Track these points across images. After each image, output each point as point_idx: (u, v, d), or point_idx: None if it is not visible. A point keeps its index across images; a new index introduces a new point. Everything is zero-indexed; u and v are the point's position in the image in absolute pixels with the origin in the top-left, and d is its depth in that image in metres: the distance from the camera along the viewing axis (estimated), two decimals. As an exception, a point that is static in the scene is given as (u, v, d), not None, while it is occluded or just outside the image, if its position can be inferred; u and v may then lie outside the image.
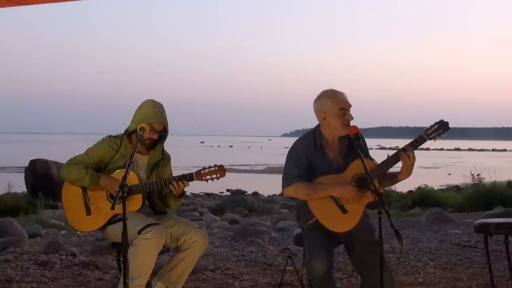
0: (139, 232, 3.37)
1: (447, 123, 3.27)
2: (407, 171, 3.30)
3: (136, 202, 3.53)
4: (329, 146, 3.44)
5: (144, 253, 3.37)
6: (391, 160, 3.29)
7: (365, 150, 3.40)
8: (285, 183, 3.39)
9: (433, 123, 3.30)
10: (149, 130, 3.55)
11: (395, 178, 3.40)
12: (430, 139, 3.28)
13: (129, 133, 3.67)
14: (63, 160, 3.81)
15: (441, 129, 3.27)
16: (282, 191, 3.44)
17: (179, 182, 3.48)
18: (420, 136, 3.29)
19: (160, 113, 3.61)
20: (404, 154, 3.25)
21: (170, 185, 3.49)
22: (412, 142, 3.29)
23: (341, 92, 3.41)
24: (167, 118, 3.69)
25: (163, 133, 3.70)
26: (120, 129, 3.72)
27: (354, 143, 3.31)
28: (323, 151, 3.42)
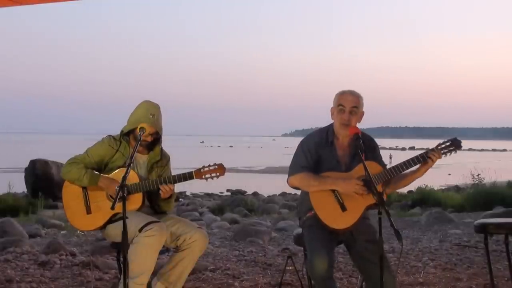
0: (140, 230, 3.36)
1: (460, 142, 3.29)
2: (421, 171, 3.33)
3: (135, 201, 3.52)
4: (340, 144, 3.45)
5: (145, 251, 3.37)
6: (399, 167, 3.28)
7: (372, 152, 3.41)
8: (292, 172, 3.40)
9: (446, 139, 3.32)
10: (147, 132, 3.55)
11: (411, 177, 3.39)
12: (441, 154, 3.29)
13: (125, 134, 3.67)
14: (63, 160, 3.81)
15: (453, 146, 3.29)
16: (287, 180, 3.43)
17: (164, 185, 3.48)
18: (431, 150, 3.28)
19: (152, 116, 3.58)
20: (430, 156, 3.26)
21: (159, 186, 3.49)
22: (421, 154, 3.29)
23: (351, 92, 3.41)
24: (161, 120, 3.66)
25: (157, 136, 3.68)
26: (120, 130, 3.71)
27: (364, 145, 3.26)
28: (333, 148, 3.43)
